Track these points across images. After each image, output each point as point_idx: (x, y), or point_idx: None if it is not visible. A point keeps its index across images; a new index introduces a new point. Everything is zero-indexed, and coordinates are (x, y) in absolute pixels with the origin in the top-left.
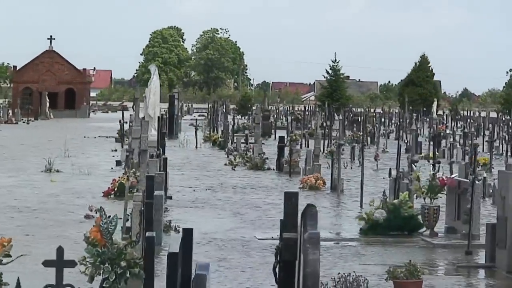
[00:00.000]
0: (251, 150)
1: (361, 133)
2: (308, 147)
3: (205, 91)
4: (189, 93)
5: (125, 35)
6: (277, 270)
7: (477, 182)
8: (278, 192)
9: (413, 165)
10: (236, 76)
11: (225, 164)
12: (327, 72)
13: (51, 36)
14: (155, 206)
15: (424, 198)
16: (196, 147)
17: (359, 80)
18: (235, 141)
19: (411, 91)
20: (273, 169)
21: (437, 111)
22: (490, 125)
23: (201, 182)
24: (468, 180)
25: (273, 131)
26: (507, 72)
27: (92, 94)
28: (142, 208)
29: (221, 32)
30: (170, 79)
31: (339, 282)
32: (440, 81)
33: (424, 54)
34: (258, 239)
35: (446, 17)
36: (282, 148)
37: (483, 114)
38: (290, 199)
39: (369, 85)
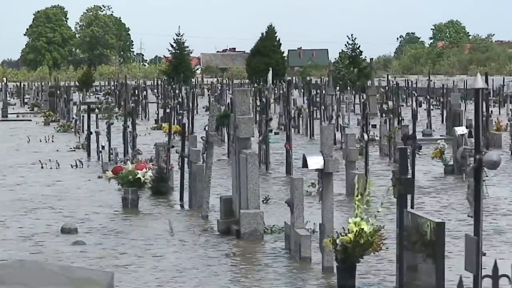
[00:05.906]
0: None
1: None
2: None
3: (86, 70)
4: (69, 72)
5: (9, 15)
6: None
7: None
8: None
9: None
10: (122, 53)
11: None
12: (172, 46)
13: None
14: None
15: None
16: None
17: (244, 51)
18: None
19: (259, 61)
20: None
21: (284, 80)
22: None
23: None
24: None
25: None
26: (397, 38)
27: None
28: None
29: (104, 10)
30: (54, 58)
31: None
32: (327, 50)
33: (271, 25)
34: None
35: None
36: None
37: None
38: None
39: None
